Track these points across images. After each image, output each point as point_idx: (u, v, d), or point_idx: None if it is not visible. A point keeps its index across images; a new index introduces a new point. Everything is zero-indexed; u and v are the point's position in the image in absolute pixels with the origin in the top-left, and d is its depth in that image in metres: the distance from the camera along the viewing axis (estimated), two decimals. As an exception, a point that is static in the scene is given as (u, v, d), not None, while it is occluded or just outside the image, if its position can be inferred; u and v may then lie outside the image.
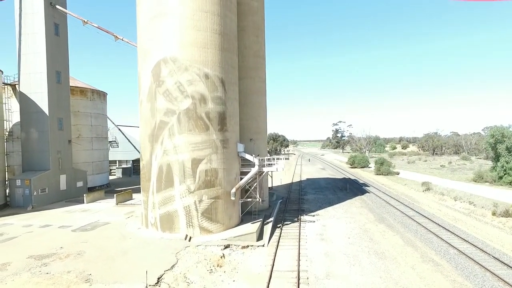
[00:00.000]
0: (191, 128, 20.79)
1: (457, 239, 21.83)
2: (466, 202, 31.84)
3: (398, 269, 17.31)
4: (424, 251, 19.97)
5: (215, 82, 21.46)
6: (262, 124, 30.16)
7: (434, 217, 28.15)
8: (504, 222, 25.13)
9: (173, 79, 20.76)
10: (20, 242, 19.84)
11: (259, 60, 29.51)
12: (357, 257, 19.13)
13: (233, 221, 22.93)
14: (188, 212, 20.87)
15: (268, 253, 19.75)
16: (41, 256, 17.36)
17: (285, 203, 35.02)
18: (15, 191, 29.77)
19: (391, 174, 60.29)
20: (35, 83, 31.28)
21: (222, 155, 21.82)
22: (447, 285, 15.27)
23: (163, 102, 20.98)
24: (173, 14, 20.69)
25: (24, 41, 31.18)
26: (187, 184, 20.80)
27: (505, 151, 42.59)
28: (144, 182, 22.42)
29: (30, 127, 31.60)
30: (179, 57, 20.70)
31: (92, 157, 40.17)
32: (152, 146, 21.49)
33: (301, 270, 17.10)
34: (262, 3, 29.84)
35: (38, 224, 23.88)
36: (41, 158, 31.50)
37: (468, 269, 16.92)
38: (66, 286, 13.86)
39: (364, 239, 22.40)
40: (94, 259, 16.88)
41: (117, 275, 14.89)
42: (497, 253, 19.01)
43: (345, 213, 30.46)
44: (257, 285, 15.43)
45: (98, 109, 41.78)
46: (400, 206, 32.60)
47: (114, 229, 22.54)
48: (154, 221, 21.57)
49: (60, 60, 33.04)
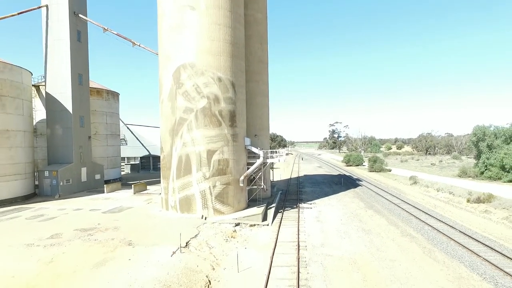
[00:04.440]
0: (206, 123, 24.34)
1: (433, 220, 25.53)
2: (446, 192, 35.62)
3: (380, 240, 20.94)
4: (404, 228, 23.64)
5: (226, 85, 25.04)
6: (265, 122, 33.76)
7: (417, 204, 31.88)
8: (476, 207, 28.89)
9: (191, 82, 24.31)
10: (62, 220, 23.27)
11: (263, 65, 33.13)
12: (347, 232, 22.75)
13: (241, 205, 26.48)
14: (204, 196, 24.41)
15: (272, 230, 23.33)
16: (85, 229, 20.83)
17: (285, 194, 38.63)
18: (44, 181, 33.12)
19: (384, 171, 64.09)
20: (60, 84, 34.66)
21: (232, 147, 25.39)
22: (418, 250, 18.92)
23: (182, 102, 24.52)
24: (192, 26, 24.25)
25: (50, 46, 34.57)
26: (203, 171, 24.34)
27: (486, 149, 46.43)
28: (165, 170, 25.91)
29: (55, 124, 34.96)
30: (196, 63, 24.25)
31: (107, 152, 43.58)
32: (173, 139, 25.01)
33: (300, 241, 20.68)
34: (265, 15, 33.48)
35: (71, 208, 27.29)
36: (65, 152, 34.87)
37: (437, 239, 20.61)
38: (113, 248, 17.35)
39: (354, 221, 26.03)
40: (129, 231, 20.38)
41: (152, 241, 18.40)
42: (464, 229, 22.71)
43: (339, 202, 34.09)
44: (265, 251, 18.99)
45: (112, 108, 45.19)
46: (388, 196, 36.32)
47: (138, 211, 26.03)
48: (174, 204, 25.08)
49: (81, 63, 36.46)
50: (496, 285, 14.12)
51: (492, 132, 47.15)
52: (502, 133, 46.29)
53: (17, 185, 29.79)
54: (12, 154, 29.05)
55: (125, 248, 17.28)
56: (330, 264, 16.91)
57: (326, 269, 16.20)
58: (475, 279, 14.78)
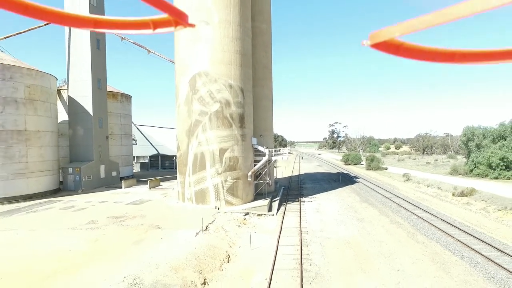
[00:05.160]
0: (219, 125, 27.55)
1: (419, 210, 28.76)
2: (435, 188, 38.86)
3: (372, 227, 24.15)
4: (393, 218, 26.85)
5: (236, 91, 28.24)
6: (270, 123, 36.99)
7: (407, 198, 35.11)
8: (459, 200, 32.13)
9: (205, 88, 27.51)
10: (92, 211, 26.48)
11: (267, 71, 36.35)
12: (343, 221, 25.97)
13: (249, 197, 29.68)
14: (217, 189, 27.62)
15: (277, 219, 26.55)
16: (116, 217, 24.04)
17: (287, 189, 41.86)
18: (67, 177, 36.34)
19: (380, 169, 67.32)
20: (82, 89, 37.86)
21: (241, 146, 28.59)
22: (403, 234, 22.14)
23: (197, 106, 27.72)
24: (206, 39, 27.44)
25: (73, 53, 37.77)
26: (216, 167, 27.55)
27: (475, 148, 49.69)
28: (181, 167, 29.12)
29: (77, 125, 38.17)
30: (210, 71, 27.45)
31: (121, 151, 46.80)
32: (189, 139, 28.21)
33: (302, 227, 23.89)
34: (269, 25, 36.69)
35: (96, 201, 30.49)
36: (86, 150, 38.08)
37: (420, 226, 23.84)
38: (145, 230, 20.56)
39: (349, 212, 29.24)
40: (155, 218, 23.58)
41: (176, 225, 21.62)
42: (445, 218, 25.93)
43: (337, 196, 37.30)
44: (272, 235, 22.19)
45: (126, 110, 48.42)
46: (382, 191, 39.54)
47: (158, 203, 29.24)
48: (190, 196, 28.29)
49: (100, 69, 39.66)
50: (462, 258, 17.34)
51: (480, 132, 50.41)
52: (490, 134, 49.54)
53: (46, 181, 32.99)
54: (42, 153, 32.25)
55: (155, 230, 20.49)
56: (327, 244, 20.12)
57: (324, 247, 19.41)
58: (446, 254, 18.00)
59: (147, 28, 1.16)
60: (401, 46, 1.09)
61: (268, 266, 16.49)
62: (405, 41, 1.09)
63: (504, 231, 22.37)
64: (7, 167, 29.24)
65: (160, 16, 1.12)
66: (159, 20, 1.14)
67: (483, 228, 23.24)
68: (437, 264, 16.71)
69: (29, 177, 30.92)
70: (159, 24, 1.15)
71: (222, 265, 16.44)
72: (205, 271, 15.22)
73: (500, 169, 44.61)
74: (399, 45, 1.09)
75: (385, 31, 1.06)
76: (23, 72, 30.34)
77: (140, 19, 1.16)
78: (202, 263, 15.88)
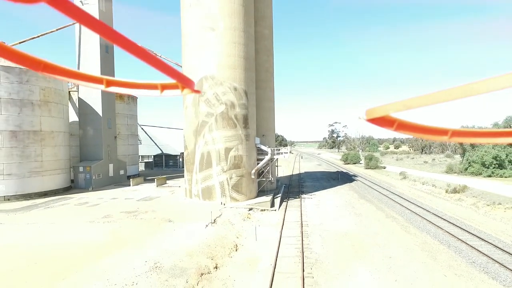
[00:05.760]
0: (224, 125, 29.23)
1: (414, 206, 30.46)
2: (430, 185, 40.57)
3: (368, 221, 25.84)
4: (389, 212, 28.55)
5: (240, 93, 29.91)
6: (271, 124, 38.67)
7: (403, 194, 36.82)
8: (452, 196, 33.84)
9: (212, 91, 29.19)
10: (106, 206, 28.16)
11: (269, 74, 38.02)
12: (341, 215, 27.65)
13: (252, 194, 31.38)
14: (222, 186, 29.30)
15: (279, 214, 28.24)
16: (129, 212, 25.73)
17: (288, 187, 43.55)
18: (78, 175, 38.02)
19: (378, 168, 69.02)
20: (91, 90, 39.50)
21: (245, 145, 30.27)
22: (397, 227, 23.84)
23: (204, 107, 29.40)
24: (212, 44, 29.10)
25: (83, 57, 39.43)
26: (222, 166, 29.23)
27: (469, 147, 51.40)
28: (189, 165, 30.79)
29: (87, 126, 39.85)
30: (216, 75, 29.12)
31: (128, 150, 48.48)
32: (196, 138, 29.89)
33: (303, 221, 25.58)
34: (271, 31, 38.36)
35: (108, 197, 32.17)
36: (95, 150, 39.75)
37: (413, 219, 25.55)
38: (158, 223, 22.25)
39: (347, 207, 30.93)
40: (166, 213, 25.27)
41: (186, 219, 23.31)
42: (437, 212, 27.64)
43: (336, 193, 38.99)
44: (275, 228, 23.88)
45: (132, 111, 50.09)
46: (379, 189, 41.24)
47: (166, 199, 30.93)
48: (197, 193, 29.97)
49: (108, 72, 41.28)
50: (449, 247, 19.04)
51: (475, 132, 52.04)
52: (484, 133, 51.19)
53: (59, 178, 34.67)
54: (56, 152, 33.92)
55: (167, 223, 22.18)
56: (327, 235, 21.82)
57: (323, 238, 21.11)
58: (435, 243, 19.71)
59: (155, 89, 1.21)
60: (396, 122, 1.13)
61: (272, 254, 18.18)
62: (398, 118, 1.12)
63: (490, 224, 24.09)
64: (24, 165, 30.92)
65: (168, 81, 1.18)
66: (167, 85, 1.19)
67: (471, 221, 24.94)
68: (425, 252, 18.41)
69: (43, 175, 32.60)
70: (167, 87, 1.20)
71: (230, 253, 18.14)
72: (216, 258, 16.91)
73: (493, 167, 46.33)
74: (393, 121, 1.12)
75: (380, 108, 1.10)
76: (39, 75, 32.01)
77: (149, 82, 1.22)
78: (213, 250, 17.58)
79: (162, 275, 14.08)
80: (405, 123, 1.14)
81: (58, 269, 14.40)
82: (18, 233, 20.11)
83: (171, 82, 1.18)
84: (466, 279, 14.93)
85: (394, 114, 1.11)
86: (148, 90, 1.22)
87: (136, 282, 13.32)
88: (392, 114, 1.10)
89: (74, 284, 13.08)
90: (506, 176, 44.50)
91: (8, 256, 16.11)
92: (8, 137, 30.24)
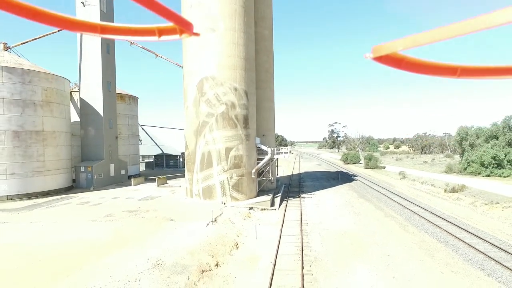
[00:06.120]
0: (225, 126, 29.51)
1: (412, 205, 30.73)
2: (429, 185, 40.84)
3: (367, 220, 26.11)
4: (387, 211, 28.83)
5: (241, 93, 30.19)
6: (271, 124, 38.95)
7: (402, 194, 37.09)
8: (450, 196, 34.11)
9: (212, 91, 29.46)
10: (107, 206, 28.43)
11: (269, 75, 38.29)
12: (341, 215, 27.92)
13: (253, 193, 31.65)
14: (223, 185, 29.57)
15: (279, 213, 28.50)
16: (130, 211, 26.01)
17: (288, 187, 43.82)
18: (80, 175, 38.30)
19: (378, 168, 69.29)
20: (93, 91, 39.80)
21: (245, 145, 30.55)
22: (396, 226, 24.11)
23: (205, 108, 29.68)
24: (213, 45, 29.39)
25: (84, 58, 39.71)
26: (222, 165, 29.50)
27: (468, 147, 51.68)
28: (189, 165, 31.07)
29: (88, 126, 40.13)
30: (216, 75, 29.40)
31: (129, 150, 48.77)
32: (197, 138, 30.17)
33: (303, 220, 25.86)
34: (271, 32, 38.64)
35: (109, 197, 32.45)
36: (96, 150, 40.03)
37: (412, 218, 25.81)
38: (159, 222, 22.52)
39: (347, 206, 31.20)
40: (167, 212, 25.54)
41: (188, 218, 23.58)
42: (435, 212, 27.91)
43: (335, 193, 39.26)
44: (275, 226, 24.15)
45: (133, 111, 50.39)
46: (379, 188, 41.51)
47: (167, 199, 31.20)
48: (197, 192, 30.25)
49: (110, 72, 41.60)
50: (446, 245, 19.32)
51: (474, 132, 52.41)
52: (482, 133, 51.54)
53: (61, 178, 34.96)
54: (58, 152, 34.21)
55: (168, 222, 22.46)
56: (326, 234, 22.10)
57: (322, 237, 21.38)
58: (432, 242, 19.99)
59: (152, 35, 1.18)
60: (403, 60, 1.10)
61: (272, 252, 18.46)
62: (407, 55, 1.09)
63: (488, 222, 24.36)
64: (26, 165, 31.20)
65: (165, 25, 1.14)
66: (165, 28, 1.16)
67: (469, 220, 25.22)
68: (423, 250, 18.68)
69: (45, 175, 32.88)
70: (165, 32, 1.16)
71: (231, 251, 18.41)
72: (217, 255, 17.19)
73: (492, 167, 46.56)
74: (401, 59, 1.10)
75: (388, 45, 1.06)
76: (41, 76, 32.31)
77: (146, 27, 1.18)
78: (214, 248, 17.86)
79: (164, 272, 14.36)
80: (413, 61, 1.11)
81: (62, 266, 14.68)
82: (21, 232, 20.40)
83: (168, 25, 1.14)
84: (463, 276, 15.21)
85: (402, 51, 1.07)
86: (145, 37, 1.19)
87: (139, 278, 13.61)
88: (400, 52, 1.07)
89: (78, 281, 13.36)
90: (504, 176, 44.76)
91: (12, 254, 16.39)
92: (10, 137, 30.53)
